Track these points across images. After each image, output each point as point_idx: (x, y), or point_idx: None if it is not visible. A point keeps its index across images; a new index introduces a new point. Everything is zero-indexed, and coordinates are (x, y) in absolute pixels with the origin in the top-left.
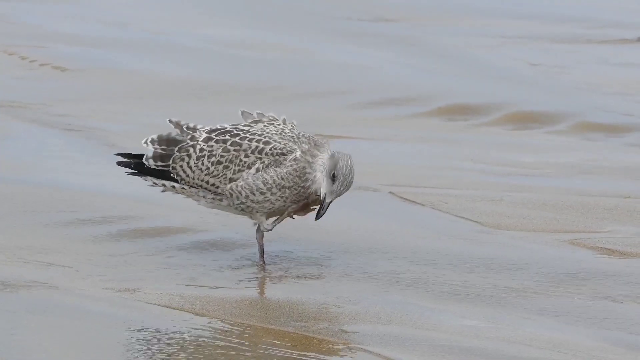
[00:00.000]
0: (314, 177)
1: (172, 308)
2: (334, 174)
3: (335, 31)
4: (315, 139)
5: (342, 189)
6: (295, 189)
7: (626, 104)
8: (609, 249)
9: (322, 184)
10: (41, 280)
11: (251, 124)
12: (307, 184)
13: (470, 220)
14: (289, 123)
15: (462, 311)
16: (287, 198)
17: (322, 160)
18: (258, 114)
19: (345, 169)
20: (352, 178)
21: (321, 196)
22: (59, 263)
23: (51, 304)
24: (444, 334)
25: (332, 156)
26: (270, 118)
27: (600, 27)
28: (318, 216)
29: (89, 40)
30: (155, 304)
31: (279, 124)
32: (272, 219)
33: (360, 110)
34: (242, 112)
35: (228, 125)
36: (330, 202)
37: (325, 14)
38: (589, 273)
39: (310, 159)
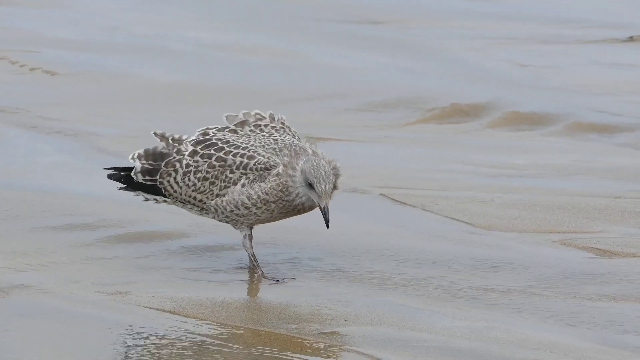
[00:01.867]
0: (298, 192)
1: (163, 311)
2: (308, 182)
3: (324, 34)
4: (296, 149)
5: (324, 186)
6: (280, 203)
7: (616, 104)
8: (600, 249)
9: (312, 197)
10: (32, 284)
11: (237, 129)
12: (291, 197)
13: (461, 221)
14: (278, 120)
15: (454, 312)
16: (273, 211)
17: (299, 177)
18: (244, 113)
19: (313, 170)
20: (325, 171)
21: (321, 207)
22: (50, 267)
23: (43, 307)
24: (435, 335)
25: (301, 170)
26: (257, 117)
27: (589, 28)
28: (326, 223)
29: (79, 45)
30: (147, 307)
31: (266, 124)
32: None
33: (351, 113)
34: (227, 117)
35: (214, 132)
36: (326, 205)
37: (315, 17)
38: (580, 273)
39: (291, 172)
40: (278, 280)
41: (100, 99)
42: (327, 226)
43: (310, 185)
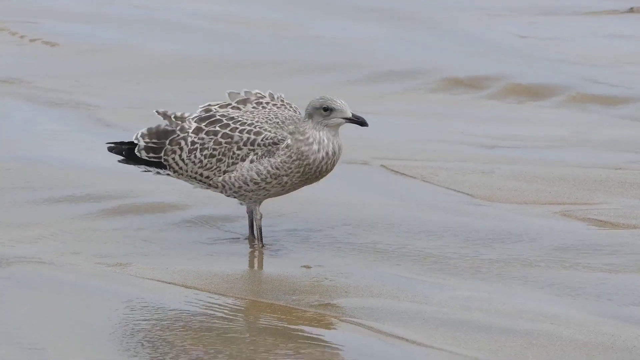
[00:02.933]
0: (317, 148)
1: (164, 282)
2: (324, 108)
3: (326, 6)
4: (296, 116)
5: (340, 101)
6: (296, 174)
7: (617, 76)
8: (601, 221)
9: (333, 121)
10: (32, 256)
11: (240, 106)
12: (311, 159)
13: (462, 192)
14: (277, 97)
15: (454, 284)
16: (285, 184)
17: (312, 132)
18: (245, 92)
19: (321, 98)
20: (330, 95)
21: (350, 117)
22: (50, 239)
23: (42, 278)
24: (435, 306)
25: (307, 114)
26: (258, 95)
27: None
28: (364, 122)
29: (78, 16)
30: (147, 278)
31: (267, 102)
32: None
33: (351, 85)
34: (229, 94)
35: (217, 109)
36: (353, 113)
37: None
38: (581, 244)
39: (300, 137)
40: (279, 250)
41: (99, 71)
42: (367, 123)
43: (327, 109)
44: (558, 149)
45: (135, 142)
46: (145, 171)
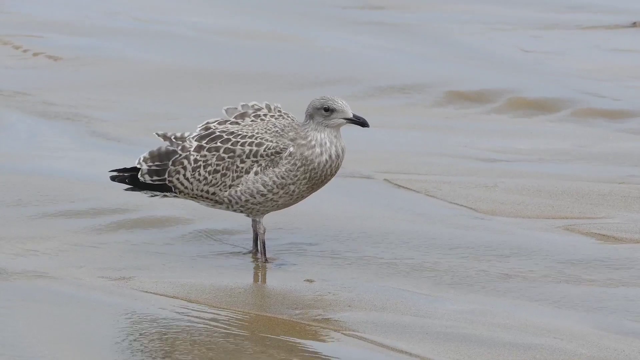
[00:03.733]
0: (320, 151)
1: (167, 296)
2: (324, 108)
3: (325, 19)
4: (295, 123)
5: (341, 101)
6: (302, 180)
7: (619, 90)
8: (604, 235)
9: (334, 122)
10: (35, 269)
11: (238, 121)
12: (315, 163)
13: (465, 206)
14: (274, 108)
15: (457, 298)
16: (293, 192)
17: (314, 134)
18: (242, 105)
19: (322, 99)
20: (326, 97)
21: (351, 117)
22: (53, 252)
23: (46, 292)
24: (439, 320)
25: (308, 115)
26: (255, 107)
27: (592, 13)
28: (365, 122)
29: (81, 30)
30: (151, 292)
31: (265, 114)
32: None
33: (354, 99)
34: (227, 110)
35: (216, 126)
36: (354, 114)
37: (316, 2)
38: (584, 259)
39: (302, 141)
40: (282, 264)
41: (102, 84)
42: (367, 124)
43: (328, 109)
44: (561, 163)
45: (138, 166)
46: (152, 196)
